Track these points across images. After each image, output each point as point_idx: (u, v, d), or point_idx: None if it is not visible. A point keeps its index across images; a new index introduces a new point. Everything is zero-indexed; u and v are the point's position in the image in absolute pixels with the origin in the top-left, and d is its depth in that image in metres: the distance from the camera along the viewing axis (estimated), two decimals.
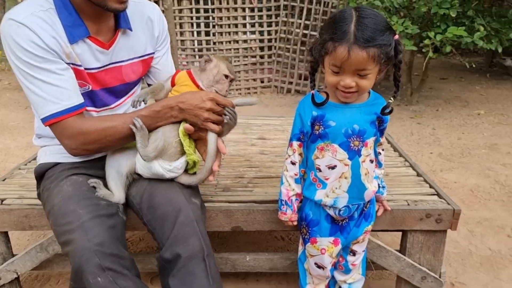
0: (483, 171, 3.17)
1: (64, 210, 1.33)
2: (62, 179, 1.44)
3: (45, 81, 1.30)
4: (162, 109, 1.36)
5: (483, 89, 5.93)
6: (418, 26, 4.10)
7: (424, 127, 4.27)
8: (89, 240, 1.24)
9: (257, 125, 2.67)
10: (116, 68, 1.49)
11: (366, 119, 1.34)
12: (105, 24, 1.42)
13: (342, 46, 1.19)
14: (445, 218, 1.58)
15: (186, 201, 1.41)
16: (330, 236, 1.44)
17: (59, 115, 1.32)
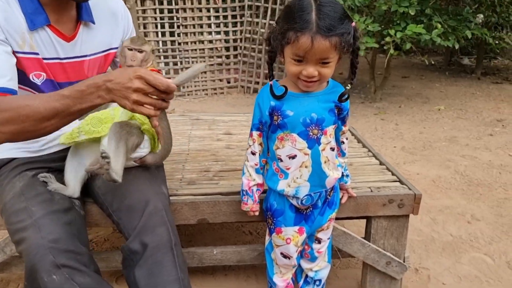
0: (443, 162, 3.27)
1: (15, 208, 1.28)
2: (15, 175, 1.39)
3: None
4: (87, 88, 1.13)
5: (442, 86, 6.13)
6: (379, 24, 4.20)
7: (387, 122, 4.37)
8: (43, 237, 1.19)
9: (223, 121, 2.66)
10: (80, 62, 1.45)
11: (324, 107, 1.34)
12: (66, 15, 1.39)
13: (304, 35, 1.18)
14: (407, 203, 1.62)
15: (154, 191, 1.40)
16: (295, 226, 1.45)
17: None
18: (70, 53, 1.42)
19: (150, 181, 1.45)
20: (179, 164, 1.94)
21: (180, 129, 2.48)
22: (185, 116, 2.77)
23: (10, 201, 1.31)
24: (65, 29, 1.40)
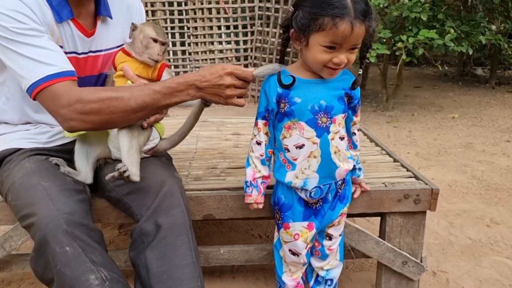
0: (459, 167, 3.17)
1: (26, 185, 1.23)
2: (25, 158, 1.35)
3: (35, 44, 1.20)
4: (178, 85, 1.19)
5: (456, 95, 6.03)
6: (391, 31, 4.15)
7: (400, 130, 4.28)
8: (57, 208, 1.14)
9: (232, 123, 2.61)
10: (95, 57, 1.43)
11: (333, 95, 1.28)
12: (85, 9, 1.37)
13: (344, 21, 1.11)
14: (423, 199, 1.54)
15: (170, 174, 1.37)
16: (304, 221, 1.37)
17: (52, 78, 1.18)
18: (87, 48, 1.41)
19: (164, 167, 1.43)
20: (186, 162, 1.89)
21: None
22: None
23: (20, 179, 1.26)
24: (86, 24, 1.39)
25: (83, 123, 1.20)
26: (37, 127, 1.46)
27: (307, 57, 1.22)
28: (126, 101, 1.18)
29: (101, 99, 1.18)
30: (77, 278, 1.07)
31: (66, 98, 1.18)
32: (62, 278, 1.09)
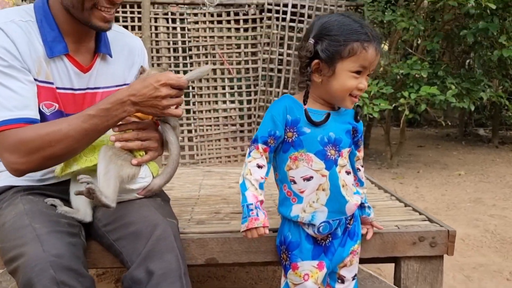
0: (471, 221, 3.06)
1: (16, 226, 1.16)
2: (16, 199, 1.28)
3: (5, 85, 1.20)
4: (112, 105, 1.19)
5: (460, 154, 6.01)
6: (392, 87, 4.22)
7: (407, 186, 4.21)
8: (45, 250, 1.06)
9: (236, 173, 2.56)
10: (92, 94, 1.41)
11: (342, 128, 1.27)
12: (85, 45, 1.37)
13: (371, 46, 1.17)
14: (440, 241, 1.45)
15: (163, 216, 1.27)
16: (314, 260, 1.28)
17: (8, 123, 1.18)
18: (84, 84, 1.38)
19: (158, 209, 1.33)
20: (188, 207, 1.82)
21: (191, 179, 2.39)
22: (197, 169, 2.69)
23: (11, 220, 1.19)
24: (83, 60, 1.37)
25: (27, 165, 1.19)
26: None
27: (332, 86, 1.20)
28: (65, 132, 1.18)
29: (40, 135, 1.18)
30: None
31: (9, 141, 1.18)
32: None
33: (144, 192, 1.37)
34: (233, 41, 5.61)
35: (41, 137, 1.17)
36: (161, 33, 5.46)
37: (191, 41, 5.52)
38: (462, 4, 3.74)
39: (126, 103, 1.19)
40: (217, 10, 5.51)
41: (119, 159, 1.27)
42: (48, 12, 1.28)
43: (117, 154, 1.27)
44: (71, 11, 1.26)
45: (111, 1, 1.25)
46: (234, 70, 5.66)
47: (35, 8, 1.29)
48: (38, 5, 1.30)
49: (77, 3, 1.23)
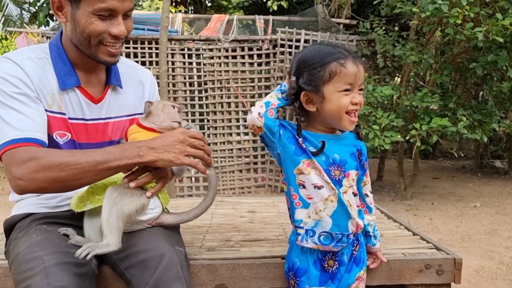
0: (486, 253, 3.02)
1: (27, 257, 1.21)
2: (31, 228, 1.35)
3: (18, 110, 1.27)
4: (129, 146, 1.27)
5: (476, 186, 5.95)
6: (403, 120, 4.26)
7: (420, 217, 4.18)
8: (49, 283, 1.10)
9: (248, 202, 2.61)
10: (105, 124, 1.48)
11: (346, 150, 1.31)
12: (95, 76, 1.45)
13: (349, 61, 1.21)
14: (446, 269, 1.46)
15: (170, 246, 1.31)
16: (321, 286, 1.31)
17: (18, 142, 1.23)
18: (95, 115, 1.45)
19: (166, 238, 1.37)
20: (200, 235, 1.86)
21: None
22: None
23: (24, 251, 1.25)
24: (94, 91, 1.45)
25: (31, 182, 1.21)
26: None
27: (327, 110, 1.25)
28: (77, 159, 1.21)
29: (51, 156, 1.21)
30: None
31: (20, 156, 1.21)
32: None
33: (154, 223, 1.41)
34: (247, 75, 5.78)
35: (52, 157, 1.21)
36: (178, 67, 5.65)
37: (207, 75, 5.70)
38: (470, 38, 3.81)
39: (142, 147, 1.25)
40: (232, 46, 5.71)
41: (125, 198, 1.31)
42: (61, 49, 1.39)
43: (123, 193, 1.31)
44: (79, 47, 1.36)
45: (115, 36, 1.33)
46: (248, 103, 5.79)
47: (50, 46, 1.41)
48: (52, 43, 1.41)
49: (84, 40, 1.32)
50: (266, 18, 6.11)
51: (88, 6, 1.28)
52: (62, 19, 1.35)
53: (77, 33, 1.32)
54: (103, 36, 1.32)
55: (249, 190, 5.72)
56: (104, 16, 1.30)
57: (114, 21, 1.32)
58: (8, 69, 1.29)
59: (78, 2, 1.28)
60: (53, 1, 1.33)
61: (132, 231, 1.38)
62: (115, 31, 1.32)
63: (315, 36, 5.61)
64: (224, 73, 5.73)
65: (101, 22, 1.30)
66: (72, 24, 1.33)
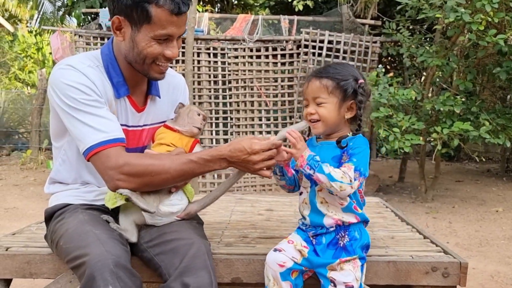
0: (503, 259, 3.03)
1: (79, 231, 1.38)
2: (77, 211, 1.50)
3: (95, 113, 1.40)
4: (212, 158, 1.38)
5: (500, 190, 5.87)
6: (425, 123, 4.26)
7: (440, 220, 4.18)
8: (107, 251, 1.26)
9: (266, 201, 2.71)
10: (140, 131, 1.61)
11: (329, 154, 1.45)
12: (140, 88, 1.59)
13: (306, 81, 1.47)
14: (452, 272, 1.52)
15: (199, 235, 1.47)
16: (304, 241, 1.51)
17: (106, 143, 1.37)
18: (136, 122, 1.59)
19: (194, 230, 1.52)
20: (219, 231, 1.97)
21: (224, 205, 2.55)
22: (230, 196, 2.86)
23: (74, 226, 1.41)
24: (138, 101, 1.59)
25: (127, 183, 1.37)
26: (86, 187, 1.61)
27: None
28: (166, 168, 1.36)
29: (145, 165, 1.36)
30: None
31: (115, 161, 1.36)
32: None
33: (182, 215, 1.56)
34: (271, 75, 5.86)
35: (145, 166, 1.36)
36: (203, 66, 5.79)
37: (231, 74, 5.82)
38: (496, 42, 3.79)
39: (224, 160, 1.38)
40: (256, 46, 5.80)
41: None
42: (114, 60, 1.51)
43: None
44: (132, 64, 1.48)
45: (168, 58, 1.45)
46: (271, 102, 5.88)
47: (102, 55, 1.52)
48: (104, 52, 1.52)
49: (140, 59, 1.44)
50: (291, 18, 6.18)
51: (149, 31, 1.39)
52: (119, 38, 1.45)
53: (134, 53, 1.44)
54: (158, 57, 1.44)
55: (269, 188, 5.81)
56: (162, 40, 1.41)
57: (170, 44, 1.44)
58: (75, 78, 1.41)
59: (139, 26, 1.39)
60: (113, 21, 1.44)
61: (163, 225, 1.52)
62: (170, 53, 1.44)
63: (339, 37, 5.65)
64: (248, 73, 5.84)
65: (159, 45, 1.42)
66: (130, 44, 1.44)
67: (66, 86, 1.40)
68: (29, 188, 6.01)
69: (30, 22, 11.54)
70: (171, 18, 1.38)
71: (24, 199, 5.31)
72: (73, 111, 1.40)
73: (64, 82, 1.40)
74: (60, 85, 1.41)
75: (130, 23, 1.40)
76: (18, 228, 1.91)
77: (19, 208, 4.82)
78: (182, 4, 1.38)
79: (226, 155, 1.36)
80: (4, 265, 1.61)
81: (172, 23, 1.39)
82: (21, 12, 11.04)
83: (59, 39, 5.93)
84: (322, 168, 1.34)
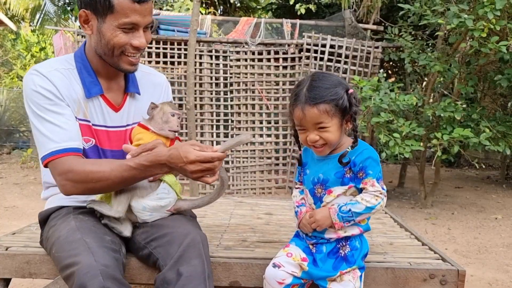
0: (501, 266, 3.03)
1: (70, 239, 1.38)
2: (69, 217, 1.51)
3: (52, 122, 1.44)
4: (152, 164, 1.37)
5: (499, 197, 5.87)
6: (425, 129, 4.27)
7: (439, 227, 4.18)
8: (96, 260, 1.27)
9: (265, 204, 2.71)
10: (123, 131, 1.61)
11: (332, 170, 1.44)
12: (115, 83, 1.59)
13: (297, 107, 1.36)
14: (450, 280, 1.53)
15: (194, 227, 1.51)
16: (303, 252, 1.50)
17: (56, 153, 1.42)
18: (116, 122, 1.59)
19: (188, 221, 1.56)
20: (218, 234, 1.98)
21: (223, 208, 2.55)
22: (229, 199, 2.86)
23: (65, 234, 1.42)
24: (115, 99, 1.59)
25: (74, 189, 1.42)
26: None
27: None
28: (107, 175, 1.38)
29: (86, 172, 1.39)
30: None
31: (61, 167, 1.41)
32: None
33: (172, 210, 1.57)
34: (272, 78, 5.87)
35: (86, 173, 1.38)
36: (205, 68, 5.80)
37: (233, 77, 5.83)
38: (496, 50, 3.80)
39: (164, 165, 1.37)
40: (259, 49, 5.81)
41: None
42: (85, 59, 1.54)
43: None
44: (103, 57, 1.50)
45: (137, 47, 1.47)
46: (272, 106, 5.89)
47: (75, 57, 1.55)
48: (77, 54, 1.56)
49: (108, 51, 1.46)
50: (293, 22, 6.19)
51: (114, 20, 1.42)
52: (88, 31, 1.49)
53: (102, 44, 1.46)
54: (126, 47, 1.46)
55: (269, 191, 5.82)
56: (127, 29, 1.44)
57: (136, 33, 1.46)
58: (38, 82, 1.45)
59: (104, 17, 1.42)
60: (80, 15, 1.47)
61: (156, 220, 1.54)
62: (137, 42, 1.46)
63: (341, 42, 5.66)
64: (249, 75, 5.85)
65: (125, 34, 1.44)
66: (97, 36, 1.46)
67: (30, 91, 1.45)
68: (29, 187, 6.02)
69: (32, 21, 11.58)
70: (134, 6, 1.40)
71: (24, 198, 5.32)
72: (35, 116, 1.45)
73: (29, 87, 1.46)
74: (27, 91, 1.46)
75: (96, 15, 1.43)
76: (18, 227, 1.93)
77: (19, 207, 4.82)
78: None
79: (165, 160, 1.35)
80: (3, 264, 1.62)
81: (135, 11, 1.41)
82: (23, 11, 11.07)
83: (62, 39, 5.95)
84: (357, 212, 1.39)
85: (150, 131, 1.55)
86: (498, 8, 3.64)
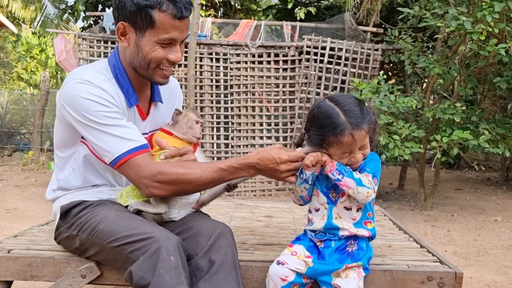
0: (500, 268, 3.04)
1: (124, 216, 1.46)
2: (106, 204, 1.55)
3: (117, 124, 1.45)
4: (241, 166, 1.43)
5: (499, 199, 5.88)
6: (425, 131, 4.29)
7: (438, 229, 4.20)
8: (170, 232, 1.38)
9: (265, 207, 2.73)
10: (147, 138, 1.62)
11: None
12: (144, 93, 1.63)
13: (345, 135, 1.37)
14: (447, 282, 1.54)
15: (220, 221, 1.57)
16: (307, 250, 1.53)
17: (134, 151, 1.42)
18: (142, 130, 1.61)
19: (209, 218, 1.64)
20: None
21: (223, 210, 2.57)
22: (229, 202, 2.88)
23: (114, 213, 1.47)
24: (144, 107, 1.63)
25: (161, 191, 1.44)
26: (98, 187, 1.64)
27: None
28: (198, 176, 1.42)
29: (178, 173, 1.41)
30: (173, 285, 1.26)
31: (149, 170, 1.42)
32: (160, 281, 1.26)
33: (196, 206, 1.64)
34: (272, 81, 5.89)
35: (179, 174, 1.41)
36: (205, 71, 5.82)
37: (233, 79, 5.85)
38: (495, 53, 3.82)
39: (252, 168, 1.42)
40: (259, 51, 5.84)
41: None
42: (122, 70, 1.54)
43: None
44: (137, 69, 1.52)
45: (172, 62, 1.49)
46: (272, 108, 5.91)
47: (110, 66, 1.55)
48: (112, 63, 1.55)
49: (145, 64, 1.48)
50: (294, 24, 6.21)
51: (153, 36, 1.43)
52: (124, 43, 1.50)
53: (139, 58, 1.48)
54: (162, 61, 1.48)
55: (269, 193, 5.83)
56: (165, 44, 1.46)
57: (173, 48, 1.48)
58: (94, 92, 1.44)
59: (143, 31, 1.44)
60: (118, 27, 1.48)
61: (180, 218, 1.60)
62: (173, 57, 1.48)
63: (341, 44, 5.68)
64: (250, 78, 5.87)
65: (162, 49, 1.46)
66: (134, 49, 1.48)
67: (86, 101, 1.43)
68: (30, 189, 6.04)
69: (33, 24, 11.62)
70: (174, 23, 1.42)
71: (25, 200, 5.33)
72: (96, 124, 1.43)
73: (83, 96, 1.43)
74: (79, 100, 1.43)
75: (135, 28, 1.45)
76: (19, 229, 1.94)
77: (20, 209, 4.84)
78: (184, 9, 1.43)
79: (254, 163, 1.41)
80: (5, 267, 1.64)
81: (175, 27, 1.43)
82: (24, 13, 11.11)
83: (63, 41, 5.97)
84: (352, 173, 1.43)
85: (174, 135, 1.58)
86: (496, 10, 3.66)
